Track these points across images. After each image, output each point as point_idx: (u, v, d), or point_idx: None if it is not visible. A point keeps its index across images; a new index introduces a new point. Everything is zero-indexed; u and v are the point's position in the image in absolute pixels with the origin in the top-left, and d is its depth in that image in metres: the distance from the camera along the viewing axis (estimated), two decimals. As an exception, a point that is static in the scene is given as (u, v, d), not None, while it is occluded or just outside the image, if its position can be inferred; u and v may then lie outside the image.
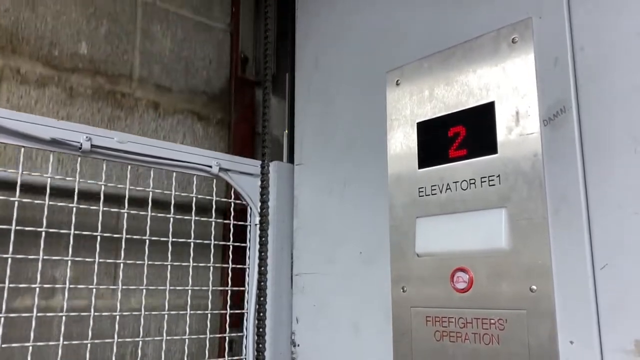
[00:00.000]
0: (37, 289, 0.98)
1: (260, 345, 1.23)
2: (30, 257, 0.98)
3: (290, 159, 1.35)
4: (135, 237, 1.12)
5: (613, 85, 0.79)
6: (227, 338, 1.25)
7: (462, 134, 0.93)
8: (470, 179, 0.91)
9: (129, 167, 1.14)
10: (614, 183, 0.77)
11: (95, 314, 1.04)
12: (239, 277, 1.29)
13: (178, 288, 1.21)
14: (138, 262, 1.13)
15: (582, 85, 0.82)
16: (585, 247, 0.78)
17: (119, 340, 1.06)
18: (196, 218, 1.21)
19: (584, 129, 0.81)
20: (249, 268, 1.29)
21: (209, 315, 1.22)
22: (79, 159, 1.06)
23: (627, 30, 0.79)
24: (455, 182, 0.93)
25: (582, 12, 0.84)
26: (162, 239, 1.16)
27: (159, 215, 1.16)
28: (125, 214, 1.11)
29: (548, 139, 0.84)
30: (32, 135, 0.99)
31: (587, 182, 0.79)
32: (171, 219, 1.17)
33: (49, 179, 1.02)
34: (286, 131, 1.37)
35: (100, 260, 1.06)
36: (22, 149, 0.99)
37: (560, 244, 0.80)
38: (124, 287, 1.14)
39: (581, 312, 0.77)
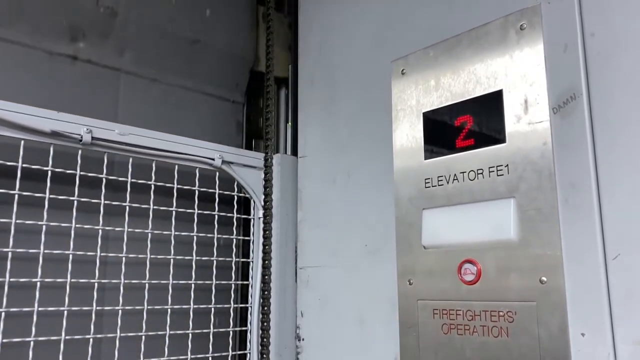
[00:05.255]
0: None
1: (265, 340, 1.21)
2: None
3: (294, 151, 1.33)
4: (137, 230, 1.10)
5: (624, 72, 0.77)
6: (231, 333, 1.24)
7: (469, 124, 0.92)
8: (477, 169, 0.89)
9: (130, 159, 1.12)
10: (626, 171, 0.75)
11: (98, 308, 1.03)
12: (243, 271, 1.28)
13: (181, 282, 1.19)
14: (140, 255, 1.11)
15: (593, 71, 0.80)
16: (596, 237, 0.76)
17: (122, 335, 1.05)
18: (199, 212, 1.19)
19: (594, 117, 0.79)
20: (252, 262, 1.27)
21: (213, 309, 1.21)
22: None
23: (639, 14, 0.77)
24: (463, 173, 0.91)
25: (592, -4, 0.82)
26: (164, 232, 1.14)
27: (161, 208, 1.14)
28: (127, 207, 1.10)
29: (558, 127, 0.82)
30: (32, 128, 0.97)
31: (598, 171, 0.78)
32: (174, 212, 1.16)
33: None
34: (289, 123, 1.35)
35: (102, 254, 1.05)
36: (22, 142, 0.98)
37: (571, 235, 0.78)
38: (126, 281, 1.12)
39: (592, 304, 0.75)
